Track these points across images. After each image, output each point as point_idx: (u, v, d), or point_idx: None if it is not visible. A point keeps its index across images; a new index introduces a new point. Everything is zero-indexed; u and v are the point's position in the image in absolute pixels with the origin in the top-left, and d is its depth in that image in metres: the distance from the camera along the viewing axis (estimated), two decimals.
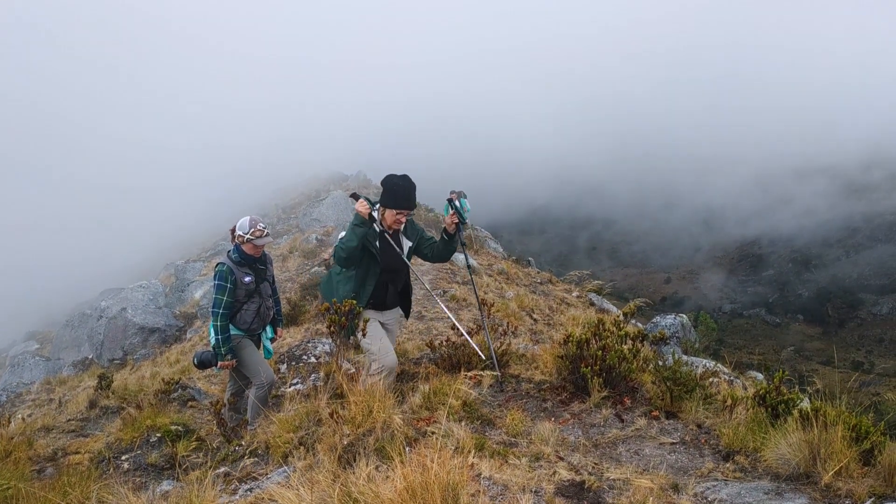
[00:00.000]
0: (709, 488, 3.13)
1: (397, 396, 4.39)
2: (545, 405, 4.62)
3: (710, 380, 4.82)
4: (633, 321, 10.07)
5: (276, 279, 5.67)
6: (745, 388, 5.64)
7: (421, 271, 13.79)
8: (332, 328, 4.23)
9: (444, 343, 5.62)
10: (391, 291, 4.86)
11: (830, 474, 2.95)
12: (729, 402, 4.06)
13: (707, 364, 6.36)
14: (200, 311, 16.74)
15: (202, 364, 5.28)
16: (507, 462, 3.45)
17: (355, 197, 4.66)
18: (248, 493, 3.46)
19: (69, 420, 7.91)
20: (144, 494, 3.44)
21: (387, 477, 2.82)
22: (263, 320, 5.46)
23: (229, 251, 5.28)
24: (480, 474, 3.20)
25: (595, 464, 3.55)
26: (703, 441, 3.87)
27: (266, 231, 5.20)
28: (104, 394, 8.43)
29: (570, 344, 4.78)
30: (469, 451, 3.37)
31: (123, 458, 5.59)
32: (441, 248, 4.82)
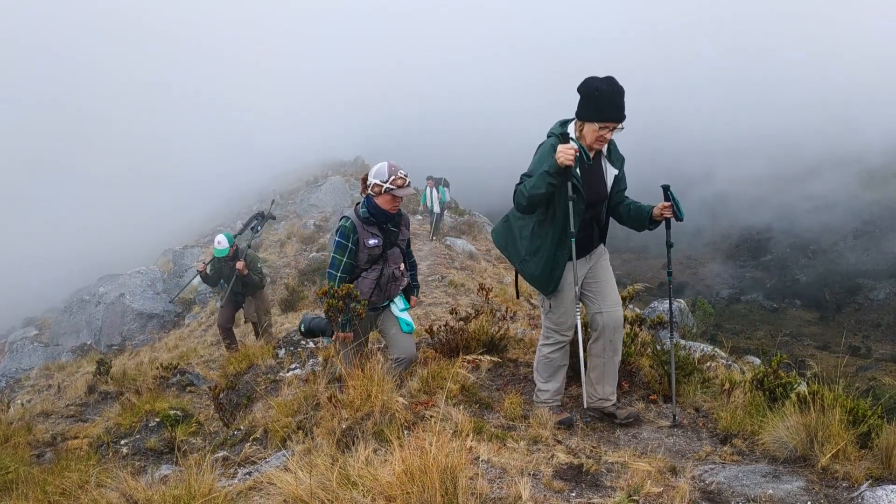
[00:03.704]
0: (706, 471, 3.14)
1: (396, 381, 4.39)
2: None
3: (708, 364, 4.83)
4: (631, 306, 10.06)
5: (411, 246, 4.82)
6: (743, 372, 5.65)
7: (419, 256, 13.79)
8: (330, 314, 4.21)
9: (443, 328, 5.62)
10: (596, 231, 3.92)
11: (827, 457, 2.95)
12: (727, 385, 4.06)
13: (705, 348, 6.37)
14: (198, 296, 16.75)
15: (310, 332, 4.52)
16: (505, 445, 3.45)
17: (565, 138, 3.58)
18: (247, 476, 3.47)
19: (68, 405, 7.95)
20: (143, 478, 3.44)
21: (385, 460, 2.83)
22: (386, 293, 4.45)
23: (358, 203, 4.39)
24: (479, 457, 3.20)
25: (593, 447, 3.56)
26: (700, 424, 3.88)
27: (409, 181, 4.29)
28: (103, 379, 8.46)
29: None
30: (467, 435, 3.38)
31: (122, 442, 5.61)
32: (636, 220, 3.86)
